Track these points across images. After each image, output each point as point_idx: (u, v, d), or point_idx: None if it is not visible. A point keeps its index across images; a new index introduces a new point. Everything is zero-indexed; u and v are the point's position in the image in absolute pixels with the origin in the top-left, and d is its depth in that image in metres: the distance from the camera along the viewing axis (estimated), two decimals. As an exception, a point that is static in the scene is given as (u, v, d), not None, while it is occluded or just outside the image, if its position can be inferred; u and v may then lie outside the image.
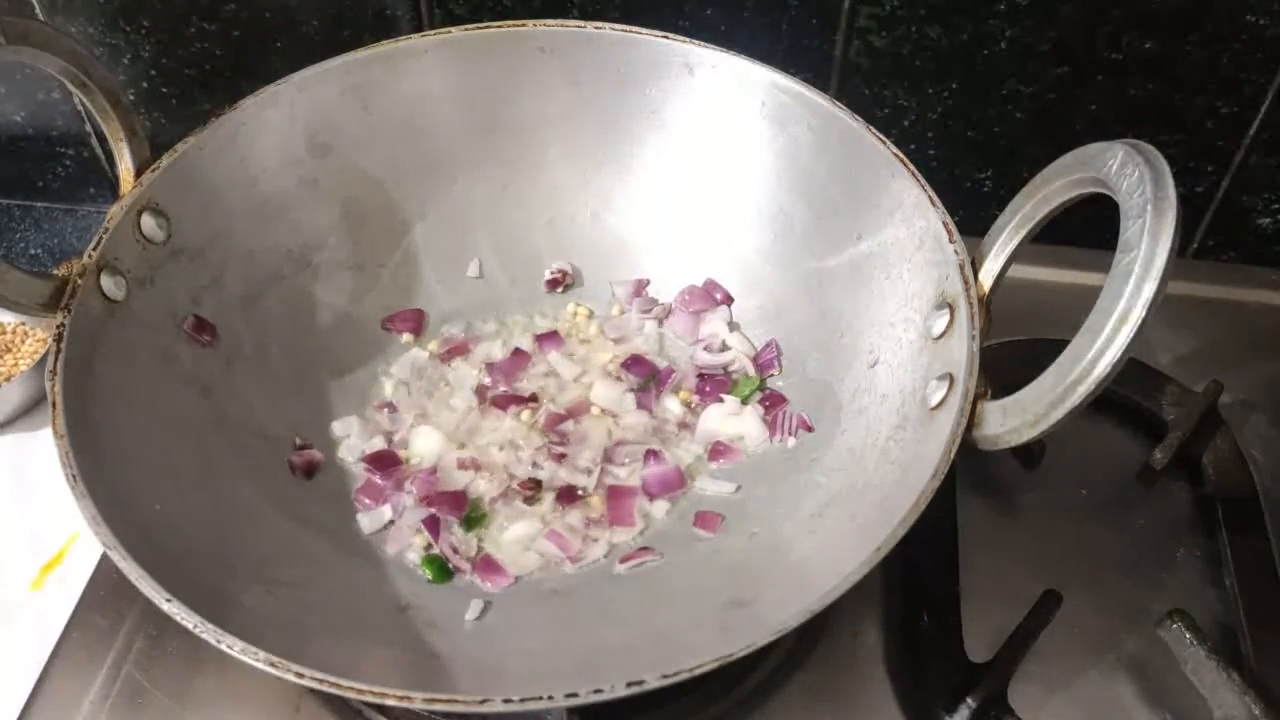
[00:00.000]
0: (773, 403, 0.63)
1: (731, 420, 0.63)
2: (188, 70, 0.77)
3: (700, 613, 0.53)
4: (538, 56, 0.66)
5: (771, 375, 0.65)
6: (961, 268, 0.53)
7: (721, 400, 0.64)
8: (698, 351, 0.67)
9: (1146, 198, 0.45)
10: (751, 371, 0.65)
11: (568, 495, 0.61)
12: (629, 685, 0.41)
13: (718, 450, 0.63)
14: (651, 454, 0.62)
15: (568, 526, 0.59)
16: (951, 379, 0.51)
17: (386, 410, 0.65)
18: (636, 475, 0.62)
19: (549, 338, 0.68)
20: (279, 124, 0.63)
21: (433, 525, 0.59)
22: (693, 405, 0.65)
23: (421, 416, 0.65)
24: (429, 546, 0.59)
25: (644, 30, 0.64)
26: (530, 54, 0.66)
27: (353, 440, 0.63)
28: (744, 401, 0.64)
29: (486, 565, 0.58)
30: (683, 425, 0.64)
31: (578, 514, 0.60)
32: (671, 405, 0.65)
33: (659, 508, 0.61)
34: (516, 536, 0.59)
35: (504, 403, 0.65)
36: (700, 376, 0.66)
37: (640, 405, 0.65)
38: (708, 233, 0.68)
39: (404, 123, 0.67)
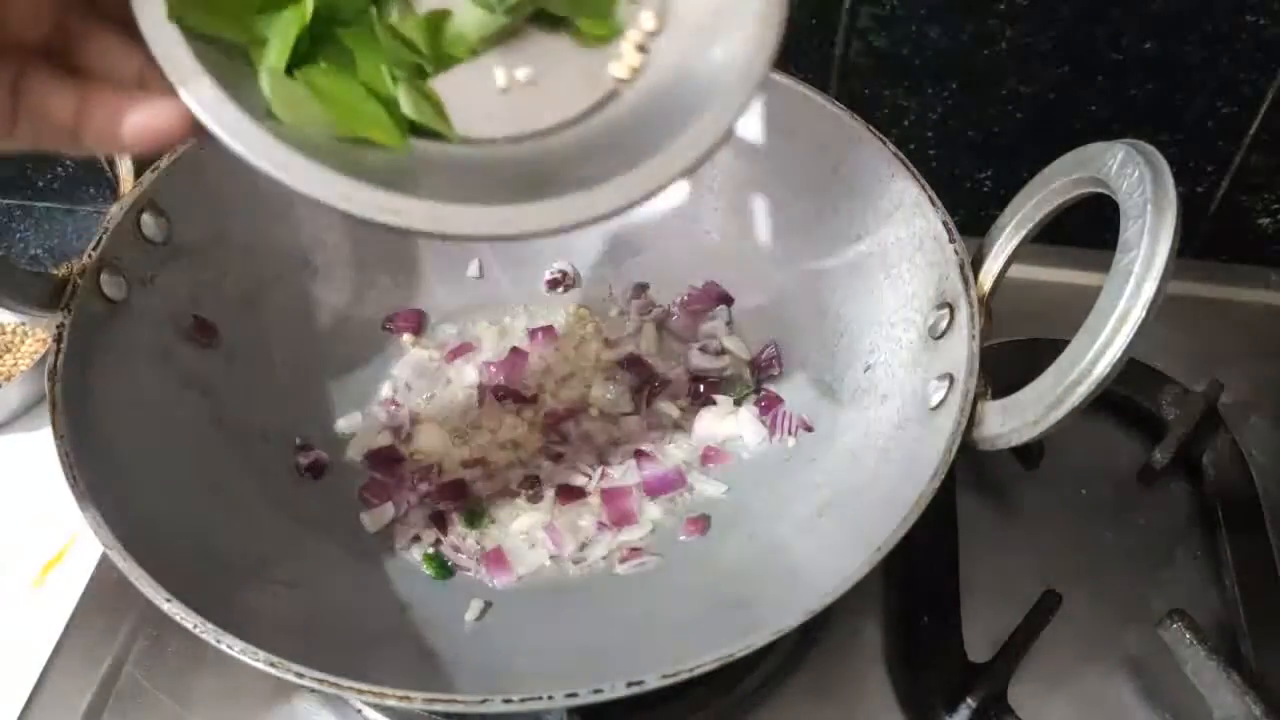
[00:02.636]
0: (770, 403, 0.63)
1: (727, 421, 0.63)
2: (188, 70, 0.76)
3: (700, 613, 0.53)
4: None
5: (771, 376, 0.65)
6: (961, 268, 0.53)
7: (715, 402, 0.64)
8: (693, 353, 0.66)
9: (1146, 198, 0.45)
10: (747, 376, 0.65)
11: (568, 494, 0.61)
12: (629, 685, 0.41)
13: (713, 452, 0.63)
14: (644, 455, 0.62)
15: (569, 524, 0.60)
16: (951, 379, 0.51)
17: (389, 409, 0.65)
18: (631, 475, 0.62)
19: (545, 331, 0.68)
20: (279, 123, 0.63)
21: (439, 521, 0.59)
22: (686, 408, 0.65)
23: (423, 416, 0.65)
24: (433, 543, 0.59)
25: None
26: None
27: (356, 439, 0.63)
28: (737, 403, 0.64)
29: (492, 558, 0.58)
30: (678, 427, 0.64)
31: (578, 513, 0.60)
32: (667, 408, 0.65)
33: (660, 508, 0.61)
34: (519, 531, 0.59)
35: (505, 402, 0.65)
36: (694, 379, 0.66)
37: (637, 406, 0.65)
38: (708, 233, 0.68)
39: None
